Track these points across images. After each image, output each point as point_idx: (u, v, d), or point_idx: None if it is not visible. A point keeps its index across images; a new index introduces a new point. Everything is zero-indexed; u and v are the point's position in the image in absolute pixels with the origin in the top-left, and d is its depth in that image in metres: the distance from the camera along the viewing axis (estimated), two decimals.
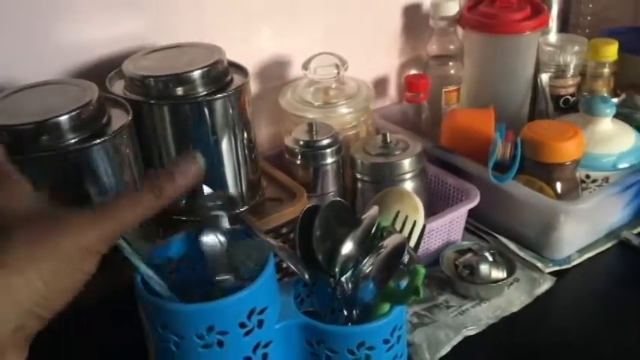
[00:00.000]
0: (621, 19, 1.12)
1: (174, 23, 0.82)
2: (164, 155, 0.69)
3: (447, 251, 0.81)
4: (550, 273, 0.81)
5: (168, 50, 0.73)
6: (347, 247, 0.57)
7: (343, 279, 0.58)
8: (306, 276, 0.58)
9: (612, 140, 0.87)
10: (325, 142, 0.82)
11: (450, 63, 1.05)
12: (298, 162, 0.82)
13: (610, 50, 0.97)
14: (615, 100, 0.93)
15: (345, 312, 0.58)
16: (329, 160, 0.82)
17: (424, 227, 0.65)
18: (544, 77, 1.01)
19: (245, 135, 0.72)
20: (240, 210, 0.73)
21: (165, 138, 0.68)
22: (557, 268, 0.81)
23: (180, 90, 0.67)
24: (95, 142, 0.59)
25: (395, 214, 0.64)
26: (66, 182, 0.60)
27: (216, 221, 0.57)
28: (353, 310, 0.58)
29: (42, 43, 0.74)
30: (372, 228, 0.58)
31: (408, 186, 0.79)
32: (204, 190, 0.58)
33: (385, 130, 0.85)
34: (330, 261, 0.57)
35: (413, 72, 1.09)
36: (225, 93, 0.68)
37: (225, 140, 0.70)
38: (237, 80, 0.71)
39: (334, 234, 0.58)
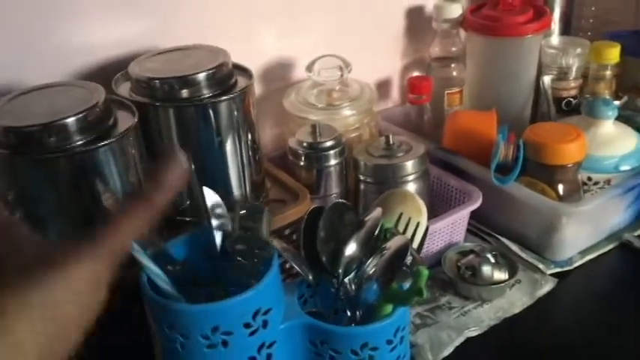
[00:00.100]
0: (623, 22, 1.12)
1: (179, 26, 0.83)
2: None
3: (450, 252, 0.82)
4: (552, 274, 0.81)
5: (173, 52, 0.74)
6: (350, 249, 0.58)
7: (347, 280, 0.58)
8: (310, 277, 0.58)
9: (614, 142, 0.87)
10: (329, 144, 0.82)
11: (453, 65, 1.05)
12: (302, 163, 0.83)
13: (612, 53, 0.97)
14: (617, 103, 0.93)
15: (349, 313, 0.58)
16: (332, 162, 0.82)
17: (427, 229, 0.65)
18: (546, 79, 1.01)
19: (249, 136, 0.73)
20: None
21: (170, 139, 0.69)
22: (558, 270, 0.82)
23: (185, 92, 0.67)
24: (102, 144, 0.60)
25: (398, 216, 0.64)
26: (72, 184, 0.60)
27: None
28: (356, 311, 0.58)
29: (48, 46, 0.74)
30: (376, 229, 0.58)
31: (411, 188, 0.80)
32: (204, 192, 0.58)
33: (388, 132, 0.85)
34: (334, 262, 0.58)
35: (415, 74, 1.09)
36: (230, 95, 0.69)
37: (229, 142, 0.71)
38: (241, 82, 0.72)
39: (338, 235, 0.58)
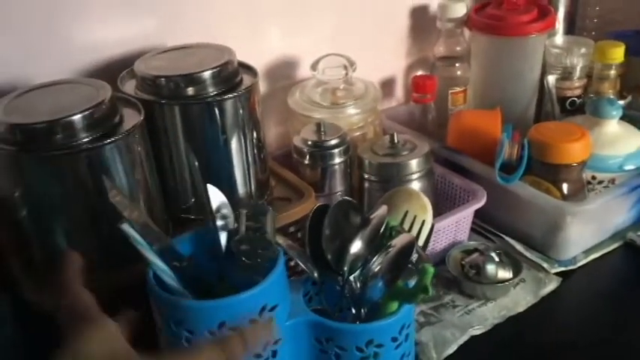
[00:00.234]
0: (627, 22, 1.11)
1: (184, 24, 0.83)
2: (175, 154, 0.70)
3: (454, 251, 0.82)
4: (556, 273, 0.81)
5: (179, 51, 0.74)
6: (356, 246, 0.58)
7: (352, 278, 0.58)
8: (315, 274, 0.58)
9: (618, 142, 0.87)
10: (333, 142, 0.82)
11: (457, 64, 1.05)
12: (306, 162, 0.83)
13: (616, 52, 0.97)
14: (621, 102, 0.93)
15: (354, 310, 0.59)
16: (337, 160, 0.82)
17: (433, 226, 0.65)
18: (550, 79, 1.01)
19: (254, 135, 0.73)
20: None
21: (175, 137, 0.69)
22: (562, 269, 0.82)
23: (191, 90, 0.68)
24: (108, 141, 0.60)
25: (404, 214, 0.64)
26: (78, 181, 0.60)
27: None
28: (361, 309, 0.58)
29: (55, 43, 0.74)
30: (381, 227, 0.58)
31: (415, 186, 0.80)
32: (209, 190, 0.58)
33: (392, 131, 0.85)
34: (339, 260, 0.58)
35: (420, 73, 1.09)
36: (235, 93, 0.69)
37: (234, 140, 0.71)
38: (246, 80, 0.72)
39: (343, 233, 0.58)
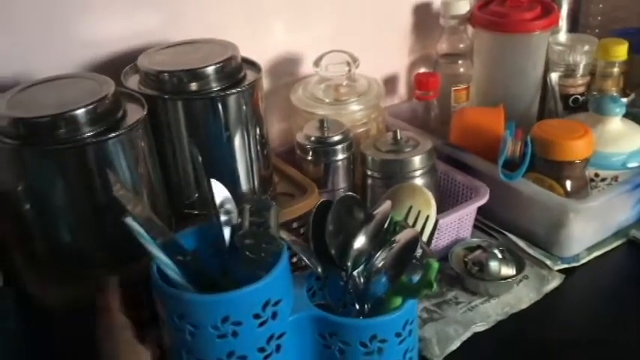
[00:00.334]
0: (630, 20, 1.11)
1: (188, 19, 0.83)
2: (178, 149, 0.70)
3: (457, 248, 0.82)
4: (559, 271, 0.81)
5: (182, 46, 0.74)
6: (359, 242, 0.58)
7: (355, 273, 0.58)
8: (318, 269, 0.58)
9: (622, 139, 0.87)
10: (336, 139, 0.82)
11: (460, 61, 1.05)
12: (309, 158, 0.83)
13: (620, 50, 0.97)
14: (625, 100, 0.93)
15: (357, 306, 0.58)
16: (340, 157, 0.82)
17: (437, 222, 0.65)
18: (554, 76, 1.01)
19: (257, 131, 0.73)
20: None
21: (179, 132, 0.69)
22: (565, 266, 0.82)
23: (194, 85, 0.67)
24: (111, 136, 0.60)
25: (407, 209, 0.64)
26: (81, 175, 0.60)
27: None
28: (364, 304, 0.58)
29: (58, 38, 0.74)
30: (385, 222, 0.58)
31: (418, 183, 0.79)
32: (213, 185, 0.58)
33: (395, 128, 0.85)
34: (343, 255, 0.58)
35: (423, 70, 1.09)
36: (238, 89, 0.69)
37: (238, 135, 0.71)
38: (250, 76, 0.72)
39: (347, 228, 0.58)
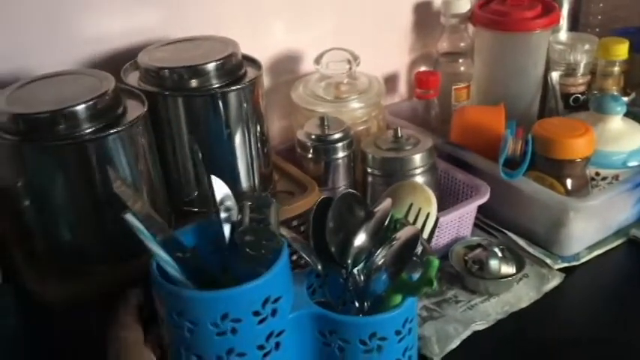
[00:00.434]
0: (631, 19, 1.11)
1: (189, 16, 0.83)
2: (178, 146, 0.69)
3: (457, 246, 0.82)
4: (559, 270, 0.81)
5: (183, 43, 0.73)
6: (360, 239, 0.58)
7: (355, 270, 0.58)
8: (319, 267, 0.58)
9: (622, 138, 0.87)
10: (337, 137, 0.82)
11: (460, 60, 1.05)
12: (310, 156, 0.83)
13: (620, 49, 0.97)
14: (625, 99, 0.93)
15: (357, 303, 0.58)
16: (340, 155, 0.82)
17: (437, 219, 0.65)
18: (554, 75, 1.01)
19: (258, 128, 0.73)
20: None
21: (179, 129, 0.68)
22: (566, 265, 0.81)
23: (194, 82, 0.67)
24: (111, 132, 0.60)
25: (408, 207, 0.64)
26: (81, 171, 0.60)
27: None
28: (364, 302, 0.58)
29: (58, 34, 0.74)
30: (385, 220, 0.58)
31: (419, 181, 0.79)
32: (212, 182, 0.58)
33: (395, 126, 0.85)
34: (343, 252, 0.57)
35: (423, 69, 1.09)
36: (239, 85, 0.68)
37: (238, 133, 0.70)
38: (250, 73, 0.71)
39: (347, 226, 0.58)
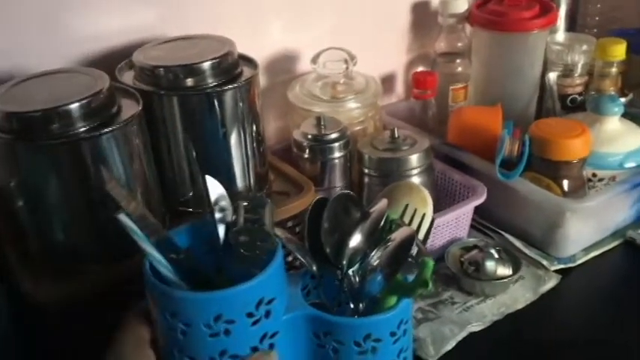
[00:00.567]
0: (629, 20, 1.12)
1: (185, 15, 0.82)
2: (173, 146, 0.69)
3: (453, 248, 0.81)
4: (555, 271, 0.81)
5: (178, 41, 0.73)
6: (355, 240, 0.57)
7: (350, 272, 0.57)
8: (313, 268, 0.58)
9: (619, 139, 0.87)
10: (333, 137, 0.82)
11: (458, 60, 1.05)
12: (306, 156, 0.83)
13: (618, 50, 0.97)
14: (623, 100, 0.93)
15: (352, 305, 0.58)
16: (337, 155, 0.82)
17: (433, 220, 0.65)
18: (552, 76, 1.01)
19: (254, 128, 0.72)
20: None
21: (174, 128, 0.68)
22: (562, 267, 0.81)
23: (190, 81, 0.67)
24: (105, 131, 0.59)
25: (404, 207, 0.64)
26: (75, 170, 0.60)
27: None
28: (359, 303, 0.58)
29: (53, 32, 0.74)
30: (381, 221, 0.58)
31: (415, 181, 0.79)
32: (207, 182, 0.58)
33: (392, 127, 0.84)
34: (338, 253, 0.57)
35: (420, 69, 1.09)
36: (235, 84, 0.68)
37: (234, 132, 0.70)
38: (246, 72, 0.71)
39: (342, 226, 0.58)
